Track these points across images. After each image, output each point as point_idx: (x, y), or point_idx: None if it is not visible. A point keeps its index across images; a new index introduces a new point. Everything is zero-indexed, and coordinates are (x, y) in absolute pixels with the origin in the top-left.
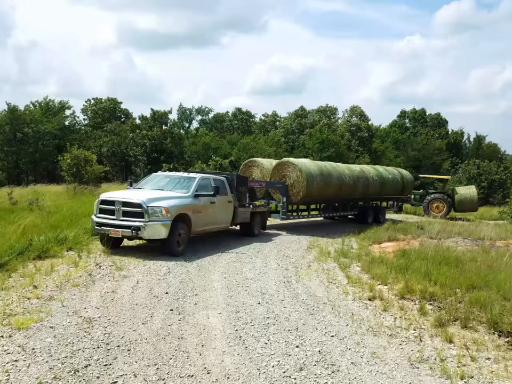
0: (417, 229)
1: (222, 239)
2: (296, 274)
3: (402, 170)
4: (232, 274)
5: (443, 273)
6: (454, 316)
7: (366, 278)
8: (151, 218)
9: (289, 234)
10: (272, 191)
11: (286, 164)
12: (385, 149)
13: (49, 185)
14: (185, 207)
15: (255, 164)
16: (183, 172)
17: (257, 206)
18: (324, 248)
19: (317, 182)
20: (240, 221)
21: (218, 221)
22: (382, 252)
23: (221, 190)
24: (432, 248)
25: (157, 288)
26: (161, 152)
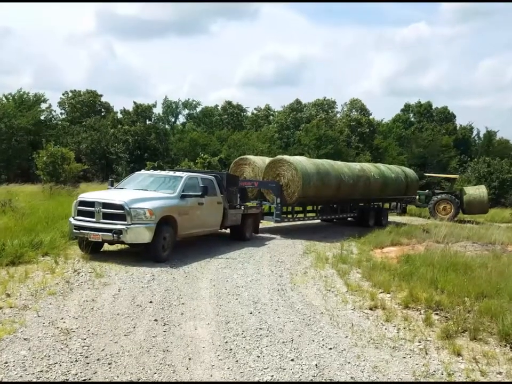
0: (422, 232)
1: (211, 243)
2: (291, 282)
3: (406, 169)
4: (222, 281)
5: (450, 281)
6: (462, 327)
7: (367, 285)
8: (133, 220)
9: (284, 238)
10: (265, 192)
11: (280, 162)
12: (388, 146)
13: (24, 185)
14: (171, 209)
15: (246, 161)
16: (168, 171)
17: (249, 207)
18: (321, 253)
19: (313, 181)
20: (230, 224)
21: (207, 223)
22: (384, 257)
23: (209, 190)
24: (438, 253)
25: (140, 297)
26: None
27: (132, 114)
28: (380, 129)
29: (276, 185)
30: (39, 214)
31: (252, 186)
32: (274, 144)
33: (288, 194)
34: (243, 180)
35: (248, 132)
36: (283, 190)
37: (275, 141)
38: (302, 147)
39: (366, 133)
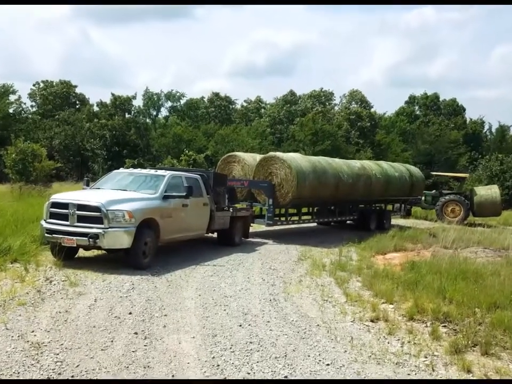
0: (428, 236)
1: (196, 249)
2: (284, 291)
3: (411, 167)
4: (208, 291)
5: (460, 290)
6: (472, 341)
7: (368, 295)
8: (111, 224)
9: (277, 243)
10: (256, 192)
11: (272, 160)
12: (391, 142)
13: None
14: (153, 211)
15: (235, 159)
16: (149, 169)
17: (238, 209)
18: (317, 260)
19: (309, 180)
20: (217, 227)
21: (192, 227)
22: (387, 264)
23: (194, 190)
24: (446, 260)
25: (118, 308)
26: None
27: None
28: (382, 124)
29: (267, 185)
30: (8, 217)
31: (241, 186)
32: (266, 140)
33: (281, 195)
34: (232, 179)
35: (237, 126)
36: (276, 190)
37: (267, 137)
38: (297, 143)
39: (366, 127)
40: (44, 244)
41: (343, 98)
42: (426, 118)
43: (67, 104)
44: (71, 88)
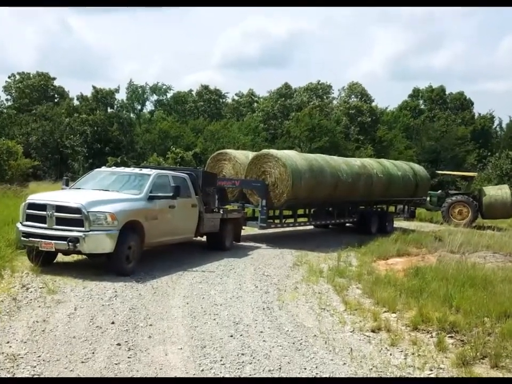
0: (434, 240)
1: (184, 253)
2: (278, 299)
3: (415, 166)
4: (197, 298)
5: (467, 298)
6: (481, 352)
7: (369, 303)
8: (92, 226)
9: (270, 247)
10: (248, 192)
11: (266, 157)
12: (393, 138)
13: None
14: (137, 213)
15: (226, 157)
16: (133, 168)
17: (229, 211)
18: (314, 266)
19: (305, 180)
20: (207, 230)
21: (179, 230)
22: (389, 270)
23: (182, 190)
24: (453, 265)
25: (100, 317)
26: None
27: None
28: (384, 119)
29: (260, 185)
30: None
31: (232, 186)
32: (259, 136)
33: (276, 195)
34: (222, 179)
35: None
36: (269, 190)
37: (260, 133)
38: (292, 140)
39: (367, 122)
40: (20, 248)
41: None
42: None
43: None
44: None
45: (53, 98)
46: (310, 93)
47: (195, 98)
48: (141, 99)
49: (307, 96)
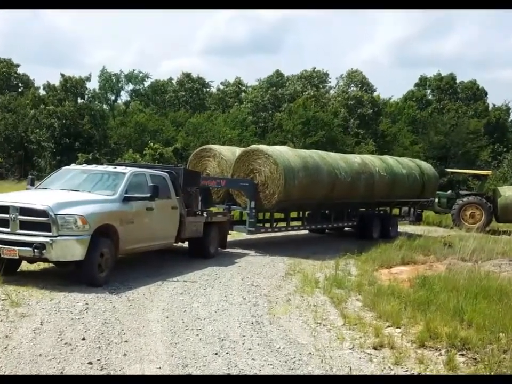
0: (443, 246)
1: (163, 261)
2: (269, 312)
3: (422, 163)
4: (178, 312)
5: (481, 311)
6: (496, 372)
7: (370, 317)
8: (61, 231)
9: (260, 254)
10: (235, 193)
11: (255, 154)
12: (398, 132)
13: None
14: (110, 216)
15: (210, 153)
16: (107, 166)
17: (214, 214)
18: (309, 275)
19: (299, 179)
20: (189, 236)
21: (158, 235)
22: (393, 279)
23: (161, 191)
24: (465, 275)
25: (69, 332)
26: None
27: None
28: (387, 110)
29: (249, 185)
30: None
31: (217, 186)
32: (247, 130)
33: (266, 196)
34: (206, 178)
35: (212, 113)
36: (259, 190)
37: (248, 126)
38: (284, 134)
39: (368, 115)
40: None
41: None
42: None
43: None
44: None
45: (17, 87)
46: (304, 82)
47: (175, 88)
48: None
49: (301, 86)
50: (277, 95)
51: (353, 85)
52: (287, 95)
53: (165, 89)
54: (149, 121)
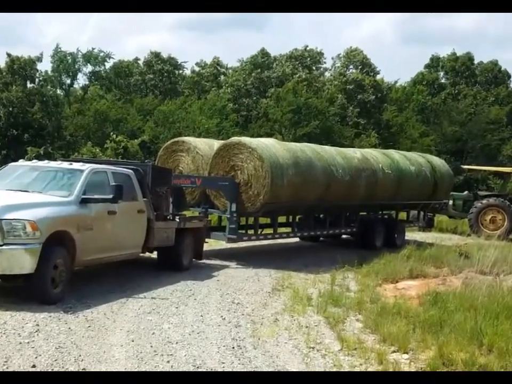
0: (458, 257)
1: (128, 274)
2: (253, 335)
3: (434, 159)
4: (146, 334)
5: (503, 333)
6: None
7: (372, 340)
8: (6, 239)
9: (242, 266)
10: (213, 194)
11: (236, 148)
12: (405, 122)
13: None
14: (66, 221)
15: (184, 147)
16: (61, 161)
17: (188, 218)
18: (300, 291)
19: (288, 178)
20: (158, 244)
21: (122, 243)
22: (400, 296)
23: (125, 191)
24: (484, 291)
25: (17, 359)
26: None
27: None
28: (393, 96)
29: (229, 184)
30: None
31: (191, 186)
32: (228, 120)
33: (249, 198)
34: (178, 176)
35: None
36: (241, 191)
37: (228, 115)
38: (271, 124)
39: (370, 101)
40: None
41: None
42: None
43: None
44: None
45: None
46: (295, 63)
47: (142, 70)
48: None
49: (290, 67)
50: (262, 78)
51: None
52: (274, 79)
53: (129, 71)
54: (111, 109)
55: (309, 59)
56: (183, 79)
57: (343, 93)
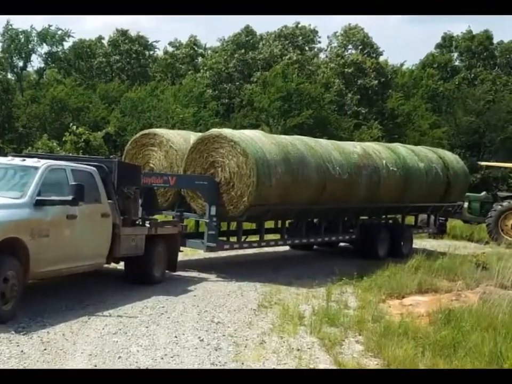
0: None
1: (91, 289)
2: (236, 359)
3: (447, 154)
4: (111, 358)
5: None
6: None
7: (375, 365)
8: None
9: (223, 279)
10: (190, 195)
11: (216, 141)
12: (413, 112)
13: None
14: (17, 226)
15: (155, 140)
16: (12, 157)
17: (160, 224)
18: (291, 308)
19: (277, 176)
20: (126, 254)
21: (83, 253)
22: (407, 314)
23: (87, 192)
24: (505, 308)
25: None
26: None
27: None
28: (399, 82)
29: (208, 184)
30: None
31: (164, 186)
32: (206, 109)
33: (232, 199)
34: (149, 174)
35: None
36: (222, 192)
37: (207, 103)
38: (257, 114)
39: (372, 87)
40: None
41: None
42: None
43: None
44: None
45: None
46: (284, 42)
47: (107, 50)
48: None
49: (279, 47)
50: (246, 61)
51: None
52: (260, 61)
53: (92, 52)
54: (70, 96)
55: (300, 38)
56: (155, 61)
57: (341, 77)
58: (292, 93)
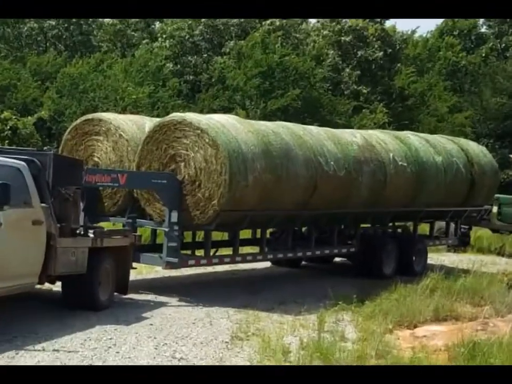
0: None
1: (19, 315)
2: None
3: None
4: None
5: None
6: None
7: None
8: None
9: (187, 303)
10: (145, 197)
11: (178, 129)
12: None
13: None
14: None
15: (101, 127)
16: None
17: (107, 233)
18: (273, 340)
19: (255, 174)
20: (63, 271)
21: (9, 270)
22: (420, 347)
23: (14, 193)
24: None
25: None
26: None
27: None
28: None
29: (168, 182)
30: None
31: (113, 185)
32: (166, 88)
33: (198, 202)
34: (93, 170)
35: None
36: (186, 193)
37: (167, 80)
38: (230, 94)
39: (376, 60)
40: None
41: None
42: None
43: None
44: None
45: None
46: None
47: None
48: None
49: None
50: (216, 27)
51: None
52: (234, 27)
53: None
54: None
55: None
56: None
57: (336, 47)
58: (274, 67)
